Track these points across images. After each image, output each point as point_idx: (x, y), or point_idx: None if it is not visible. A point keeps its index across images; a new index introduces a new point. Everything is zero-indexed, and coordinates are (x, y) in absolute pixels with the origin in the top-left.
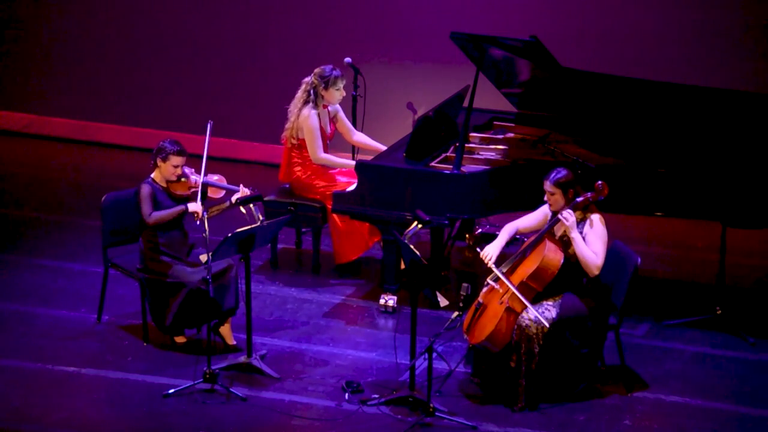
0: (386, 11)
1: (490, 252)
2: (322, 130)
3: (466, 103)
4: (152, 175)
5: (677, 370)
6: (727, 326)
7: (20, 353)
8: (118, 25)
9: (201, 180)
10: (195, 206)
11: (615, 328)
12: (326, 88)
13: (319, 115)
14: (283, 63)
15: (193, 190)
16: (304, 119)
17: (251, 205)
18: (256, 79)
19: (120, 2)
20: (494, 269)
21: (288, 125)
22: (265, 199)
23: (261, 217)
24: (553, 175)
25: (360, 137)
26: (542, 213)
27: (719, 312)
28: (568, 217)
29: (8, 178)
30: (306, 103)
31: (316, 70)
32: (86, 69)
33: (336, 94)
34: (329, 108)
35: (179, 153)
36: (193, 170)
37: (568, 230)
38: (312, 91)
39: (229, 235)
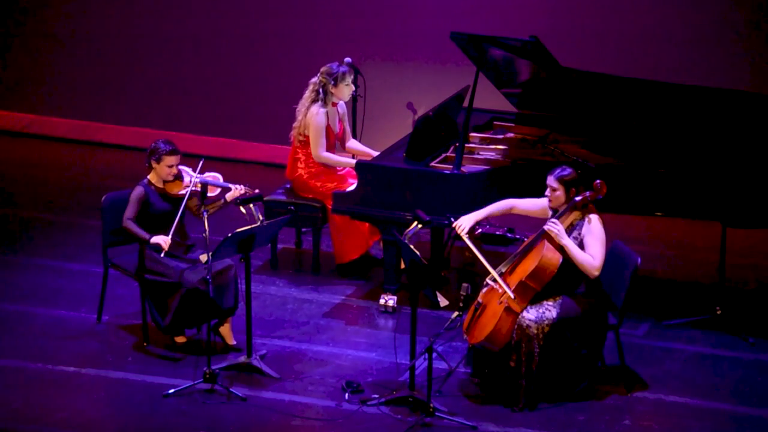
0: (386, 11)
1: (464, 223)
2: (330, 129)
3: (466, 103)
4: (148, 177)
5: (677, 370)
6: (727, 326)
7: (20, 353)
8: (119, 25)
9: (198, 179)
10: (158, 238)
11: (615, 328)
12: (336, 84)
13: (327, 113)
14: (283, 63)
15: (187, 189)
16: (312, 116)
17: (251, 205)
18: (256, 80)
19: (120, 2)
20: (491, 270)
21: (296, 124)
22: (266, 198)
23: (261, 217)
24: (558, 171)
25: (352, 144)
26: (542, 204)
27: (719, 312)
28: (553, 227)
29: (8, 178)
30: (314, 101)
31: (323, 69)
32: (86, 69)
33: (346, 90)
34: (338, 108)
35: (172, 153)
36: (189, 169)
37: (557, 239)
38: (321, 90)
39: (229, 235)
